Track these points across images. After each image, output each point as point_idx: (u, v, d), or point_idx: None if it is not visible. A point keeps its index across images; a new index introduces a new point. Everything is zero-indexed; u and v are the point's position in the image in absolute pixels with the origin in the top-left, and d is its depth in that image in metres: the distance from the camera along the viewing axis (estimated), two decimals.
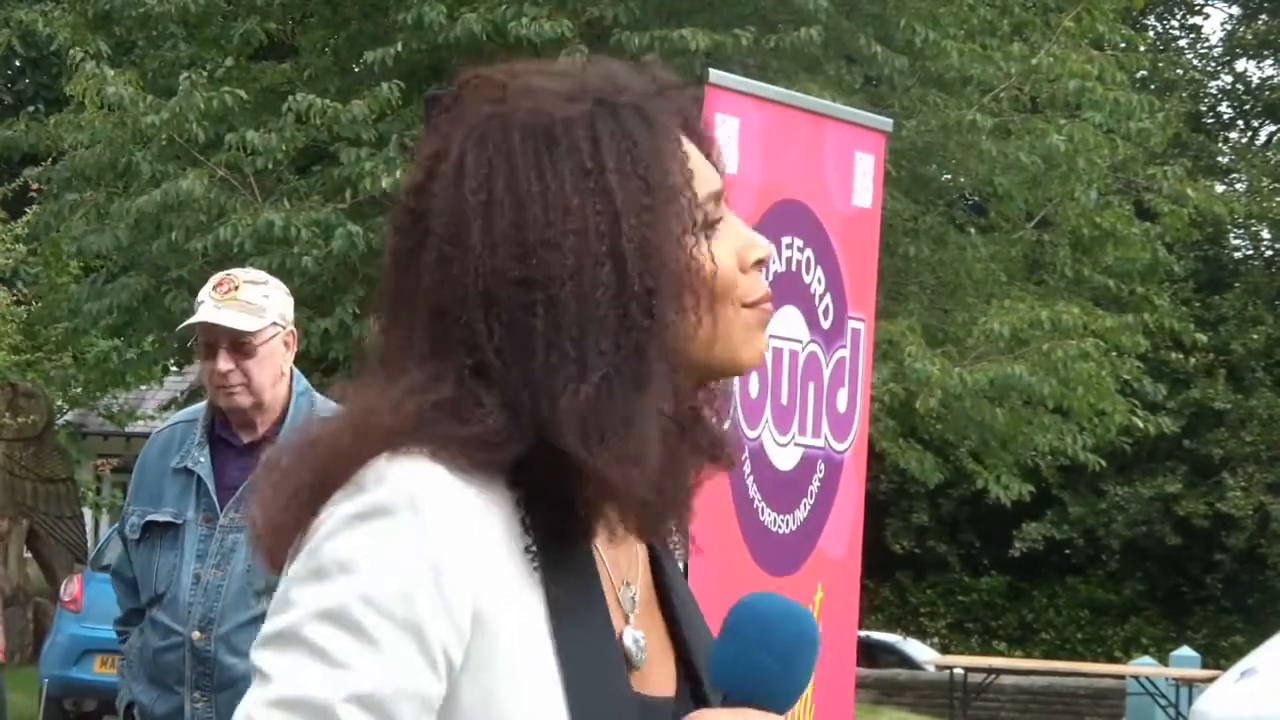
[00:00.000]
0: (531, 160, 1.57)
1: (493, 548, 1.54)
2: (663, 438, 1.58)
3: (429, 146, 1.64)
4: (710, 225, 1.62)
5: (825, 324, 4.87)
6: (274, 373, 4.47)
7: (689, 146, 1.63)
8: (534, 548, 1.56)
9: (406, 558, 1.50)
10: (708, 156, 1.66)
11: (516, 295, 1.55)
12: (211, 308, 4.45)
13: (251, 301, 4.45)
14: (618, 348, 1.55)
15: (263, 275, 4.60)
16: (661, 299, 1.56)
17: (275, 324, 4.47)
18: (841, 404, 4.95)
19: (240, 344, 4.43)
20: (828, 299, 4.88)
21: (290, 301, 4.58)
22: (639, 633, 1.63)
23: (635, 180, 1.57)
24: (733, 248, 1.63)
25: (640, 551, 1.69)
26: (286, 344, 4.47)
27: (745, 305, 1.63)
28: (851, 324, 4.96)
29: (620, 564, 1.65)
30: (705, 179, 1.63)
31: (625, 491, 1.55)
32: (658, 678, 1.65)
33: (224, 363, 4.44)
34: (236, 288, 4.47)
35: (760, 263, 1.64)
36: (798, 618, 1.57)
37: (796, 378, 4.80)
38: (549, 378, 1.54)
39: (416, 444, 1.54)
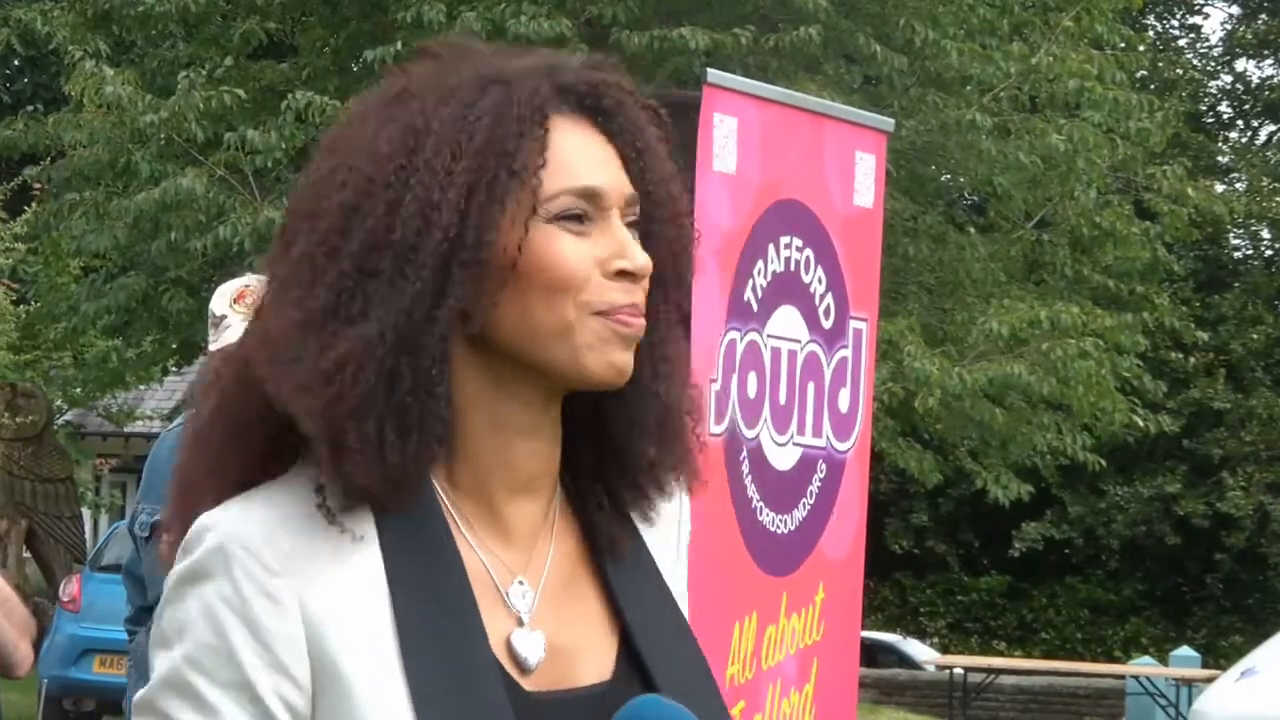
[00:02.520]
0: (381, 115, 1.61)
1: (324, 583, 1.55)
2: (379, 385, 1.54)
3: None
4: (563, 218, 1.59)
5: (826, 324, 4.86)
6: None
7: (570, 139, 1.61)
8: (387, 557, 1.56)
9: (227, 620, 1.53)
10: (625, 163, 1.64)
11: (294, 222, 1.62)
12: (242, 324, 4.37)
13: None
14: (339, 285, 1.56)
15: None
16: (420, 259, 1.55)
17: None
18: (844, 404, 4.94)
19: None
20: (829, 299, 4.87)
21: None
22: (535, 632, 1.61)
23: (453, 145, 1.57)
24: (590, 251, 1.59)
25: (557, 546, 1.66)
26: None
27: (594, 312, 1.59)
28: (853, 324, 4.95)
29: (511, 562, 1.63)
30: (573, 173, 1.60)
31: (307, 420, 1.54)
32: (582, 665, 1.63)
33: None
34: None
35: (623, 273, 1.60)
36: None
37: (795, 377, 4.78)
38: (281, 292, 1.59)
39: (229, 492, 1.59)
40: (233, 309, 4.44)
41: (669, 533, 1.79)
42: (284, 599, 1.54)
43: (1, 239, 19.31)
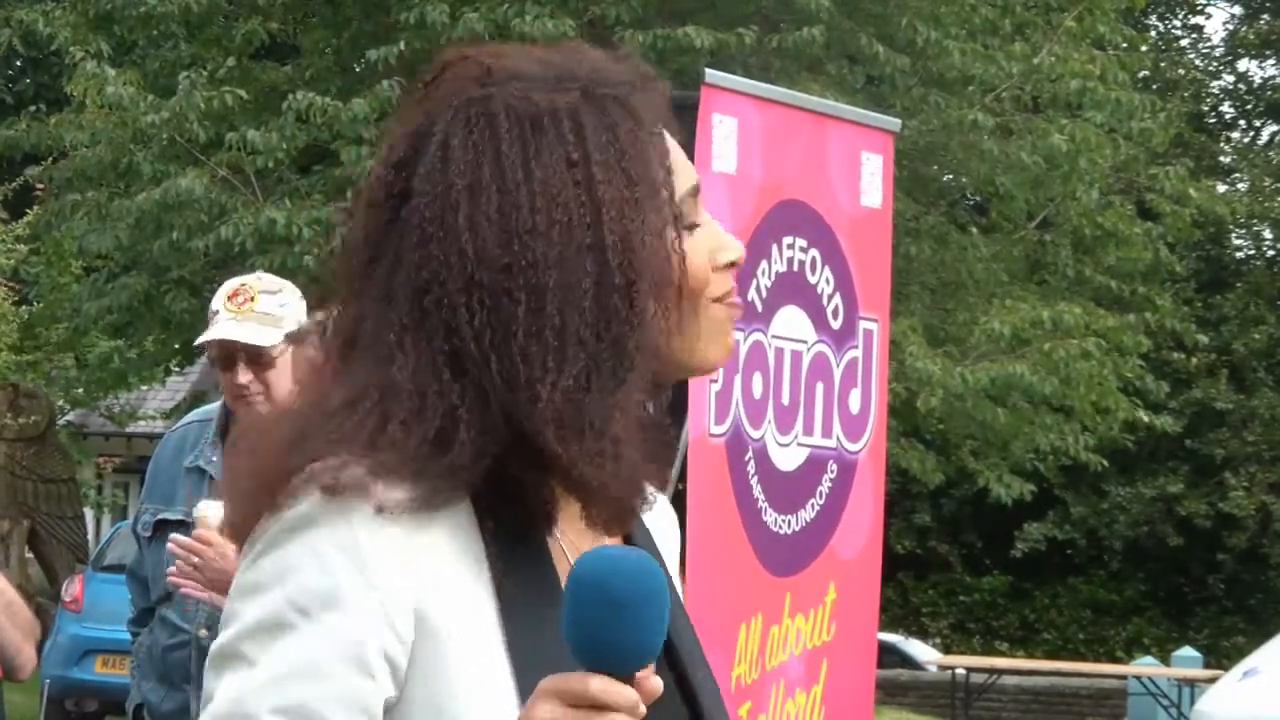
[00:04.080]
0: (518, 148, 1.57)
1: (434, 547, 1.53)
2: (639, 433, 1.56)
3: (409, 123, 1.63)
4: (687, 222, 1.62)
5: (835, 324, 4.85)
6: (290, 382, 4.44)
7: (669, 141, 1.64)
8: (490, 544, 1.55)
9: (338, 565, 1.50)
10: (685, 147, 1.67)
11: (499, 281, 1.54)
12: (228, 321, 4.39)
13: (269, 313, 4.39)
14: (598, 339, 1.54)
15: (277, 283, 4.51)
16: (642, 292, 1.55)
17: (291, 333, 4.43)
18: (854, 405, 4.93)
19: (259, 357, 4.39)
20: (837, 299, 4.86)
21: (304, 305, 4.53)
22: None
23: (618, 172, 1.56)
24: (706, 246, 1.63)
25: (607, 543, 1.66)
26: None
27: (715, 300, 1.63)
28: (863, 325, 4.94)
29: (585, 537, 1.62)
30: (684, 175, 1.63)
31: (599, 489, 1.54)
32: None
33: (243, 375, 4.39)
34: (253, 299, 4.41)
35: (732, 265, 1.64)
36: (626, 572, 1.43)
37: (800, 378, 4.77)
38: (529, 368, 1.53)
39: (358, 453, 1.52)
40: (225, 305, 4.44)
41: (669, 533, 1.80)
42: (398, 557, 1.51)
43: (3, 240, 19.30)
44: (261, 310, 4.39)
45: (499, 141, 1.57)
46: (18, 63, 27.09)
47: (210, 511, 4.11)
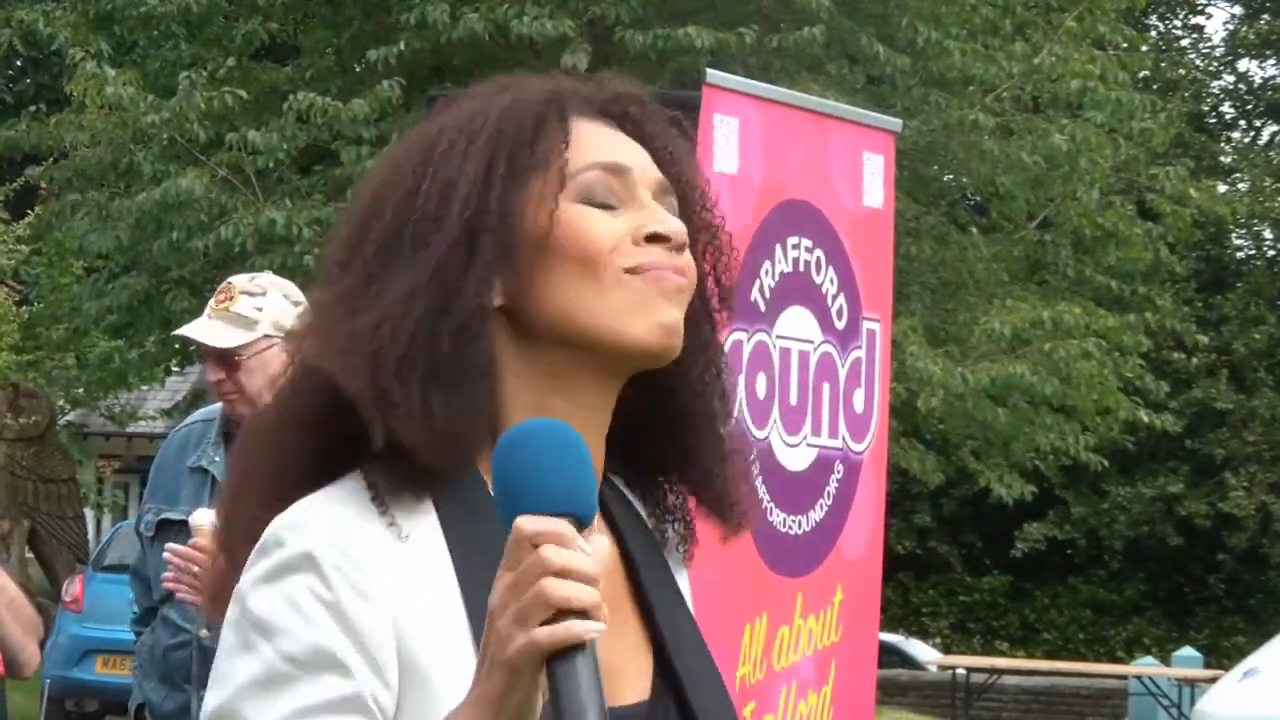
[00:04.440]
0: (428, 123, 1.67)
1: (400, 580, 1.53)
2: (469, 395, 1.55)
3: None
4: (593, 201, 1.60)
5: (839, 325, 4.84)
6: (269, 383, 4.42)
7: (595, 130, 1.64)
8: (450, 565, 1.55)
9: (319, 616, 1.50)
10: (657, 162, 1.65)
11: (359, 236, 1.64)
12: (202, 320, 4.46)
13: (242, 314, 4.41)
14: (424, 284, 1.57)
15: (264, 283, 4.52)
16: (441, 226, 1.58)
17: (268, 335, 4.42)
18: (859, 405, 4.93)
19: (227, 357, 4.41)
20: (841, 299, 4.85)
21: (295, 308, 4.48)
22: None
23: (463, 133, 1.62)
24: (623, 224, 1.60)
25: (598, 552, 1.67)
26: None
27: (627, 271, 1.59)
28: (867, 325, 4.94)
29: None
30: (597, 152, 1.62)
31: (410, 451, 1.54)
32: (625, 684, 1.61)
33: (212, 373, 4.45)
34: (231, 298, 4.44)
35: (655, 237, 1.59)
36: (534, 424, 1.45)
37: (808, 378, 4.77)
38: (322, 291, 1.65)
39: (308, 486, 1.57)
40: (211, 303, 4.48)
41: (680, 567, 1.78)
42: (375, 596, 1.52)
43: (4, 240, 19.30)
44: (236, 311, 4.41)
45: (424, 121, 1.69)
46: (18, 63, 27.10)
47: (207, 520, 4.13)
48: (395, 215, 1.60)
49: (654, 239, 1.60)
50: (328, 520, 1.54)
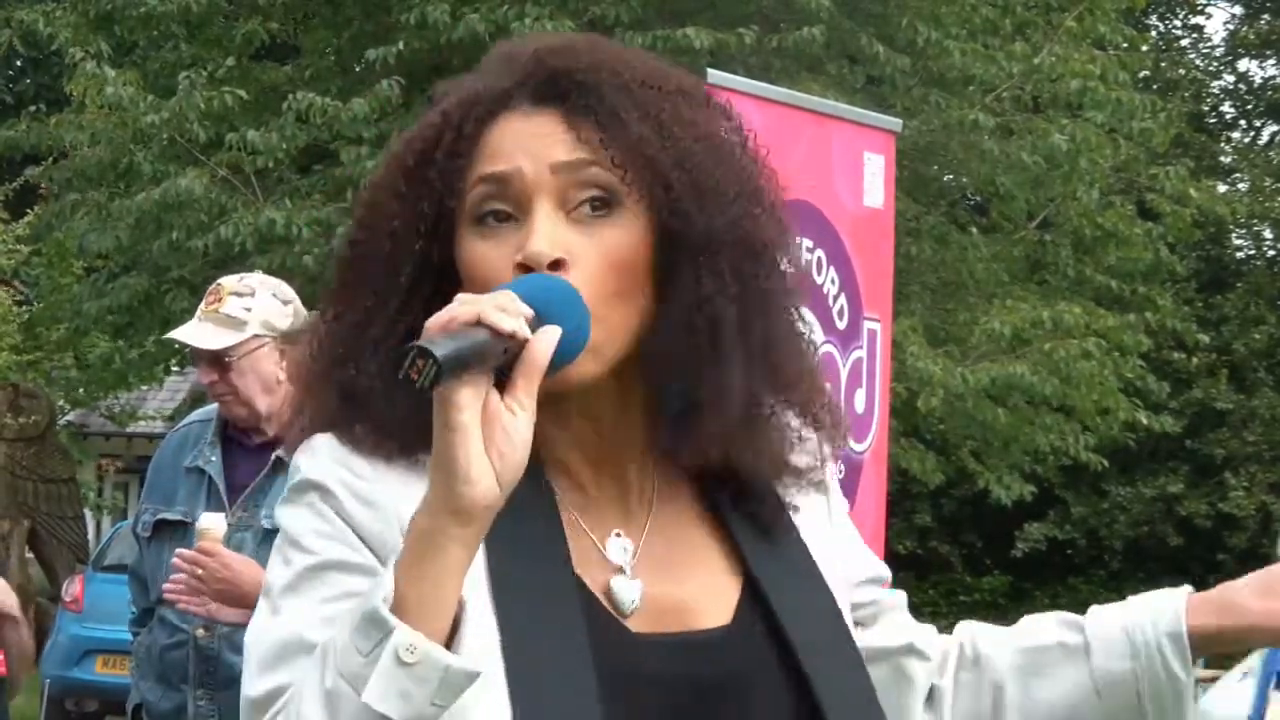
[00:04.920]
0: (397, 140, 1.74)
1: (409, 489, 1.60)
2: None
3: None
4: (482, 219, 1.62)
5: (840, 325, 4.85)
6: (262, 382, 4.43)
7: (502, 133, 1.63)
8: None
9: (330, 527, 1.62)
10: (602, 140, 1.62)
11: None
12: (192, 322, 4.46)
13: (231, 315, 4.41)
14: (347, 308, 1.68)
15: (253, 283, 4.52)
16: (390, 269, 1.65)
17: (258, 335, 4.42)
18: (859, 405, 4.93)
19: (218, 358, 4.41)
20: (842, 300, 4.86)
21: (285, 307, 4.49)
22: (634, 580, 1.64)
23: (394, 170, 1.67)
24: (510, 250, 1.60)
25: (661, 506, 1.70)
26: (283, 351, 4.36)
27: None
28: (867, 325, 4.94)
29: (607, 520, 1.67)
30: (482, 164, 1.62)
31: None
32: (703, 613, 1.66)
33: (204, 375, 4.45)
34: (220, 299, 4.43)
35: (520, 266, 1.59)
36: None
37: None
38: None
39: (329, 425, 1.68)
40: (202, 304, 4.48)
41: (816, 498, 1.81)
42: (380, 503, 1.61)
43: (4, 240, 19.30)
44: (225, 312, 4.41)
45: None
46: (18, 63, 27.09)
47: (212, 524, 4.14)
48: (348, 263, 1.69)
49: (521, 268, 1.59)
50: (335, 443, 1.65)
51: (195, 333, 4.43)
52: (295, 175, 14.55)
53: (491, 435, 1.46)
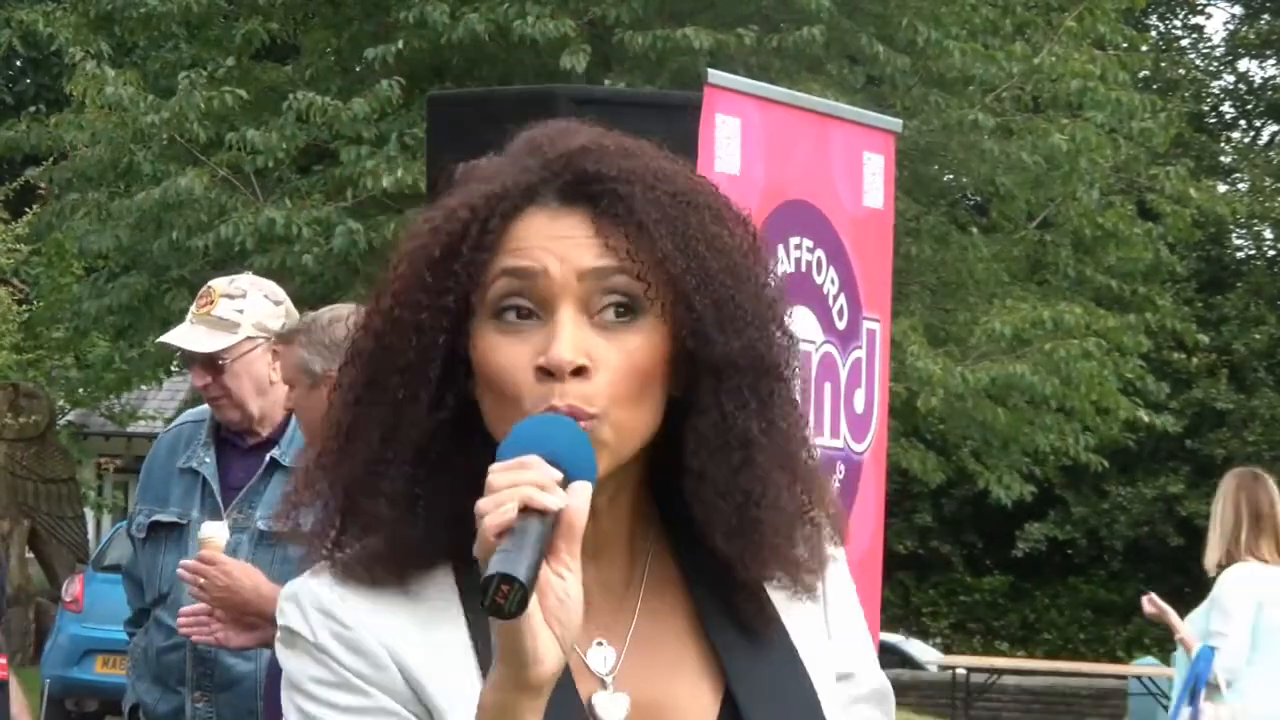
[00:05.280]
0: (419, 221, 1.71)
1: (415, 641, 1.60)
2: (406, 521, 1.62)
3: None
4: (501, 314, 1.60)
5: (840, 325, 4.84)
6: (255, 384, 4.42)
7: (527, 229, 1.61)
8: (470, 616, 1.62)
9: (328, 673, 1.61)
10: (628, 245, 1.60)
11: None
12: (183, 326, 4.45)
13: (223, 317, 4.40)
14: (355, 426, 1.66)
15: (244, 285, 4.50)
16: (405, 371, 1.62)
17: (250, 337, 4.41)
18: (859, 405, 4.92)
19: (211, 361, 4.40)
20: (842, 299, 4.85)
21: (277, 308, 4.48)
22: (618, 695, 1.63)
23: (412, 263, 1.64)
24: (532, 350, 1.58)
25: (645, 605, 1.67)
26: (275, 352, 4.31)
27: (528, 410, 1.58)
28: (866, 325, 4.93)
29: (589, 621, 1.59)
30: (505, 259, 1.60)
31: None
32: (684, 717, 1.65)
33: (197, 379, 4.45)
34: (212, 302, 4.42)
35: (540, 369, 1.57)
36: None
37: (810, 379, 4.77)
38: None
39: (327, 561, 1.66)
40: (193, 308, 4.48)
41: (813, 608, 1.75)
42: (369, 649, 1.61)
43: (4, 240, 19.30)
44: (217, 315, 4.39)
45: None
46: (18, 63, 27.07)
47: (214, 533, 4.15)
48: (372, 356, 1.64)
49: (542, 371, 1.57)
50: (317, 589, 1.64)
51: (188, 336, 4.41)
52: (295, 175, 14.55)
53: (548, 608, 1.46)
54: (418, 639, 1.60)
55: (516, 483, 1.46)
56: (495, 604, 1.43)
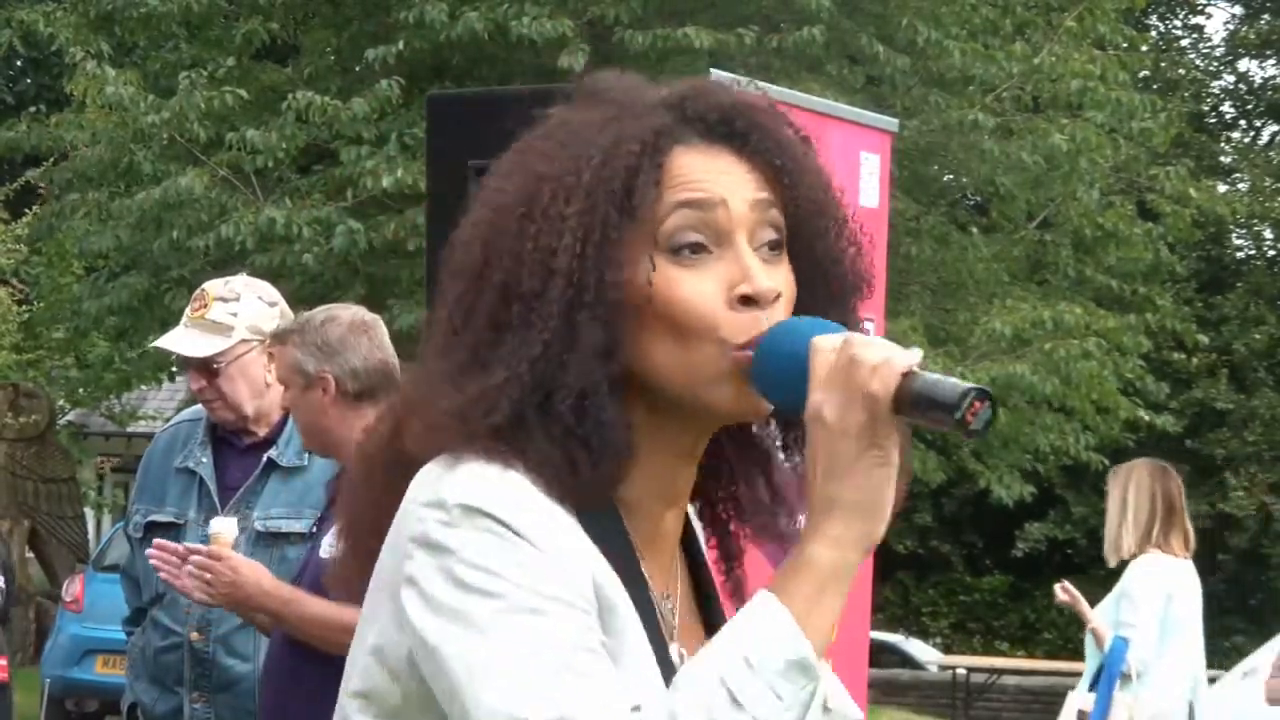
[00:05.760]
0: (514, 156, 1.64)
1: (571, 534, 1.54)
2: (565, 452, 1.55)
3: None
4: (680, 250, 1.57)
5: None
6: (250, 387, 4.43)
7: (691, 162, 1.59)
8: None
9: (526, 555, 1.50)
10: (770, 182, 1.61)
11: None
12: (177, 330, 4.46)
13: (217, 321, 4.40)
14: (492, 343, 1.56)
15: (238, 287, 4.50)
16: (543, 306, 1.54)
17: (245, 340, 4.41)
18: None
19: (206, 365, 4.40)
20: None
21: (271, 309, 4.49)
22: (683, 649, 1.63)
23: (563, 188, 1.57)
24: (717, 281, 1.57)
25: (679, 558, 1.69)
26: (271, 354, 4.30)
27: (737, 347, 1.56)
28: (862, 325, 4.95)
29: (659, 580, 1.63)
30: (680, 191, 1.57)
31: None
32: None
33: (193, 382, 4.46)
34: (206, 306, 4.43)
35: (746, 299, 1.56)
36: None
37: None
38: (425, 359, 1.63)
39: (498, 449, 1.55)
40: (188, 311, 4.49)
41: None
42: (572, 549, 1.53)
43: (4, 240, 19.30)
44: (211, 318, 4.40)
45: (509, 157, 1.65)
46: (18, 63, 27.06)
47: (224, 528, 4.16)
48: (501, 290, 1.56)
49: (746, 301, 1.57)
50: (505, 477, 1.54)
51: (182, 340, 4.42)
52: (295, 175, 14.55)
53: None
54: (595, 553, 1.55)
55: (889, 347, 1.51)
56: (963, 420, 1.43)
